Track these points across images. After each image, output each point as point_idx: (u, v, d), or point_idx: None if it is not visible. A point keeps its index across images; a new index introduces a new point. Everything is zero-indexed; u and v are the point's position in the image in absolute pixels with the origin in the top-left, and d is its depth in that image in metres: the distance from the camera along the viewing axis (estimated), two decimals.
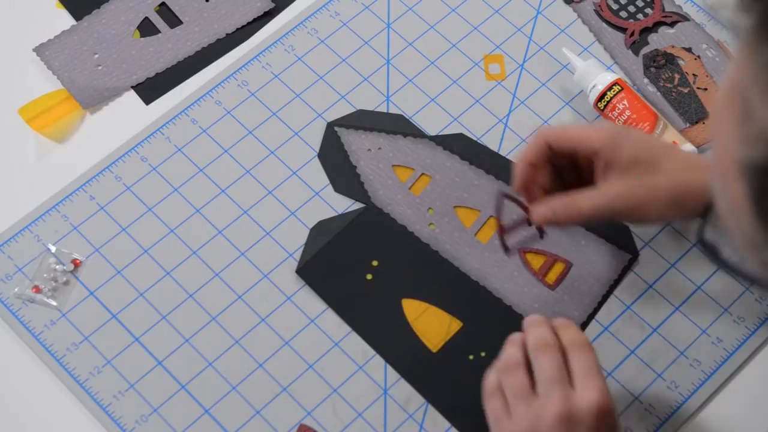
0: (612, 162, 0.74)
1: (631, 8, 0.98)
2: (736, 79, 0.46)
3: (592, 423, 0.68)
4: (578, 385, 0.69)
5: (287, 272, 0.86)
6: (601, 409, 0.68)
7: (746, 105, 0.44)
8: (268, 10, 0.98)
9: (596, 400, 0.68)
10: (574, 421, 0.68)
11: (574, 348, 0.71)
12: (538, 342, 0.71)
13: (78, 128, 0.93)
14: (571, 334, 0.72)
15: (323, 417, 0.81)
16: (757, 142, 0.44)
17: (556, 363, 0.70)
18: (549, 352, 0.70)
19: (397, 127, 0.92)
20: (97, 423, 0.81)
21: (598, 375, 0.70)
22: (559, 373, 0.69)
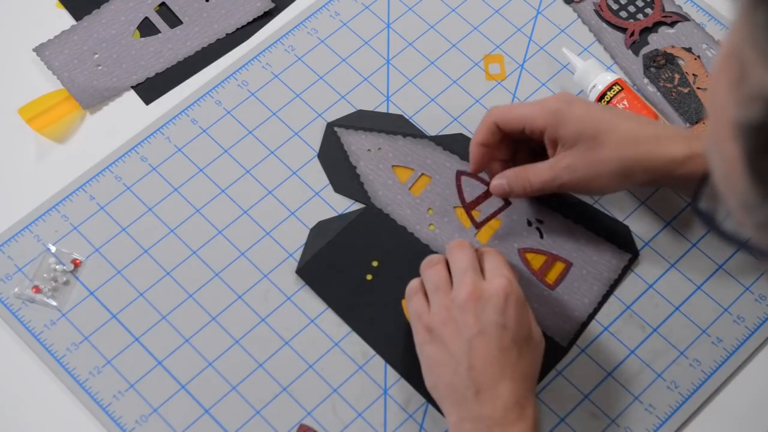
0: (557, 138, 0.79)
1: (631, 8, 0.98)
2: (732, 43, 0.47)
3: (500, 302, 0.74)
4: (488, 277, 0.76)
5: (287, 272, 0.86)
6: (508, 291, 0.74)
7: (742, 67, 0.46)
8: (268, 10, 0.98)
9: (503, 284, 0.74)
10: (482, 300, 0.74)
11: (487, 255, 0.78)
12: (455, 242, 0.79)
13: (78, 128, 0.93)
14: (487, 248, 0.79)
15: (323, 417, 0.81)
16: (752, 102, 0.45)
17: (469, 255, 0.77)
18: (464, 248, 0.78)
19: (397, 128, 0.92)
20: (97, 423, 0.81)
21: (507, 270, 0.76)
22: (471, 263, 0.76)
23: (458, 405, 0.73)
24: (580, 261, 0.87)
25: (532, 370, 0.75)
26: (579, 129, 0.78)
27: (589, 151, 0.78)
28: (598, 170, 0.79)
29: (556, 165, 0.80)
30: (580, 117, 0.78)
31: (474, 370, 0.73)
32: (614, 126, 0.78)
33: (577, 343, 0.84)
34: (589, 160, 0.78)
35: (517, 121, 0.81)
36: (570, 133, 0.78)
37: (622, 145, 0.77)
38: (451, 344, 0.74)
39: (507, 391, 0.72)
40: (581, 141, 0.78)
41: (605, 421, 0.82)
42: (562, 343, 0.84)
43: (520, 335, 0.74)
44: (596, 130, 0.77)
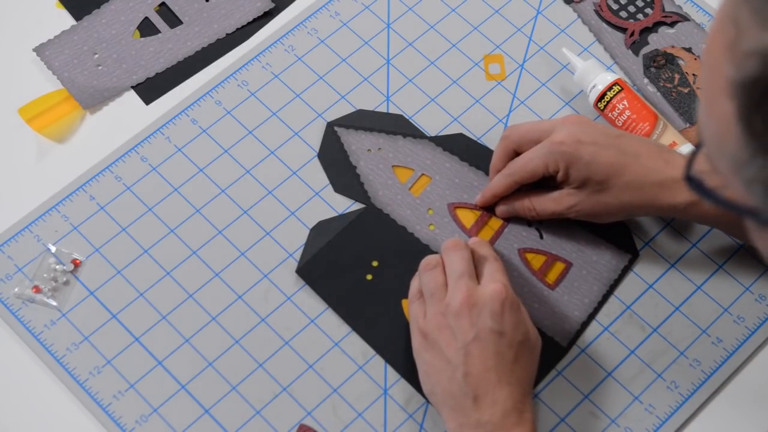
0: (567, 179, 0.81)
1: (631, 8, 0.98)
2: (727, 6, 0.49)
3: (495, 308, 0.74)
4: (483, 282, 0.77)
5: (287, 272, 0.86)
6: (504, 296, 0.75)
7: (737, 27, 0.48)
8: (268, 10, 0.98)
9: (499, 289, 0.75)
10: (478, 306, 0.75)
11: (483, 259, 0.79)
12: (450, 242, 0.80)
13: (78, 128, 0.93)
14: (484, 251, 0.80)
15: (323, 417, 0.81)
16: (747, 59, 0.47)
17: (465, 259, 0.78)
18: (459, 250, 0.79)
19: (397, 127, 0.92)
20: (97, 423, 0.81)
21: (502, 275, 0.77)
22: (466, 267, 0.77)
23: (457, 411, 0.74)
24: (580, 261, 0.87)
25: (528, 373, 0.76)
26: (587, 174, 0.80)
27: (595, 194, 0.81)
28: (601, 211, 0.82)
29: (562, 202, 0.83)
30: (588, 162, 0.80)
31: (471, 377, 0.73)
32: (620, 172, 0.80)
33: (577, 343, 0.84)
34: (594, 202, 0.81)
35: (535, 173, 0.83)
36: (579, 177, 0.80)
37: (626, 192, 0.80)
38: (447, 350, 0.75)
39: (505, 396, 0.73)
40: (588, 185, 0.81)
41: (605, 421, 0.82)
42: (562, 343, 0.84)
43: (515, 340, 0.75)
44: (604, 176, 0.80)
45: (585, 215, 0.83)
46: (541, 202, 0.84)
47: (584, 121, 0.82)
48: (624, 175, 0.80)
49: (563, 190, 0.83)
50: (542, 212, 0.84)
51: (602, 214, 0.83)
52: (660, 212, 0.83)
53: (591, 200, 0.81)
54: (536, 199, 0.84)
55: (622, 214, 0.83)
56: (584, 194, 0.81)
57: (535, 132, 0.83)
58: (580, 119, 0.82)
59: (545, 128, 0.82)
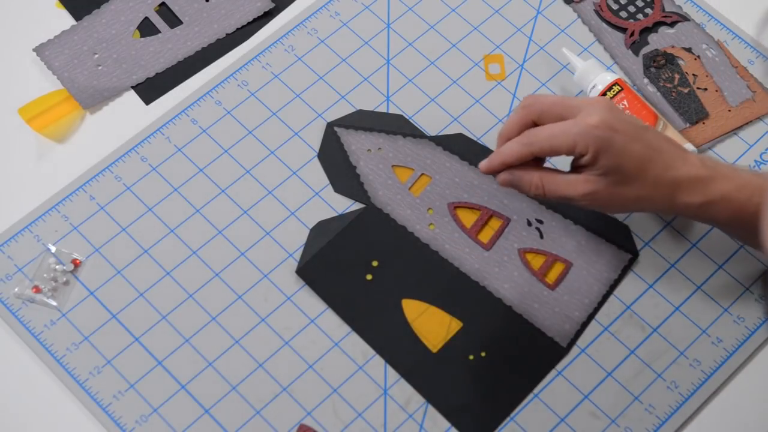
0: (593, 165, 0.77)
1: (631, 8, 0.98)
2: None
3: None
4: None
5: (287, 272, 0.86)
6: None
7: None
8: (268, 10, 0.98)
9: None
10: None
11: None
12: None
13: (78, 128, 0.93)
14: None
15: (323, 417, 0.81)
16: None
17: None
18: None
19: (397, 127, 0.92)
20: (97, 423, 0.81)
21: None
22: None
23: None
24: (580, 261, 0.87)
25: None
26: (616, 164, 0.76)
27: (616, 185, 0.77)
28: (615, 203, 0.78)
29: (578, 187, 0.78)
30: (620, 152, 0.76)
31: None
32: (646, 167, 0.77)
33: (577, 343, 0.84)
34: (612, 192, 0.77)
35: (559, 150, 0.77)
36: (607, 165, 0.76)
37: (646, 187, 0.77)
38: None
39: None
40: (613, 174, 0.77)
41: (605, 421, 0.82)
42: (562, 343, 0.84)
43: None
44: (631, 168, 0.77)
45: (597, 205, 0.79)
46: (552, 182, 0.78)
47: (613, 106, 0.78)
48: (648, 170, 0.77)
49: (581, 175, 0.78)
50: (550, 193, 0.78)
51: (615, 207, 0.80)
52: (673, 210, 0.80)
53: (609, 190, 0.77)
54: (548, 177, 0.78)
55: (634, 208, 0.81)
56: (605, 183, 0.77)
57: (560, 107, 0.78)
58: (609, 103, 0.78)
59: (572, 105, 0.78)
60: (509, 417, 0.81)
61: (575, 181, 0.78)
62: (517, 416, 0.82)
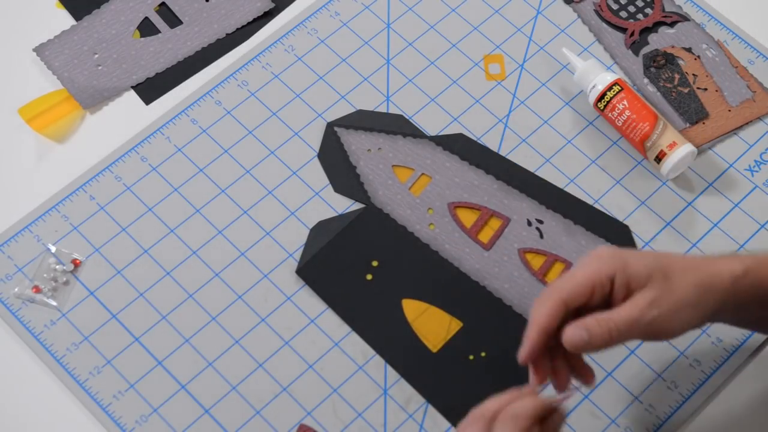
0: (630, 281, 0.72)
1: (631, 8, 0.98)
2: None
3: None
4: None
5: (287, 272, 0.86)
6: None
7: None
8: (268, 10, 0.98)
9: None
10: None
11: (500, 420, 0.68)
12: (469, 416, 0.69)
13: (78, 128, 0.93)
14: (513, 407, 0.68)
15: (323, 417, 0.81)
16: None
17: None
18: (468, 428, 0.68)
19: (397, 127, 0.92)
20: (97, 423, 0.81)
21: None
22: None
23: None
24: None
25: None
26: (647, 264, 0.71)
27: (665, 283, 0.71)
28: (676, 301, 0.71)
29: (639, 303, 0.71)
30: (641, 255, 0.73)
31: None
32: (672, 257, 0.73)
33: None
34: (668, 291, 0.71)
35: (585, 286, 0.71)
36: (641, 269, 0.71)
37: (689, 271, 0.72)
38: None
39: None
40: (654, 276, 0.71)
41: (605, 421, 0.82)
42: None
43: None
44: (661, 263, 0.72)
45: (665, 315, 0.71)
46: (617, 312, 0.70)
47: None
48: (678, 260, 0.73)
49: (634, 298, 0.71)
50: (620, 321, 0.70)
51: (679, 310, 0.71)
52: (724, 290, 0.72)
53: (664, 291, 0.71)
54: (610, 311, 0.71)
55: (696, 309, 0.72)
56: (655, 288, 0.71)
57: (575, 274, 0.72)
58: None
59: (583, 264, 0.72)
60: None
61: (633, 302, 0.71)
62: None
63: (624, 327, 0.70)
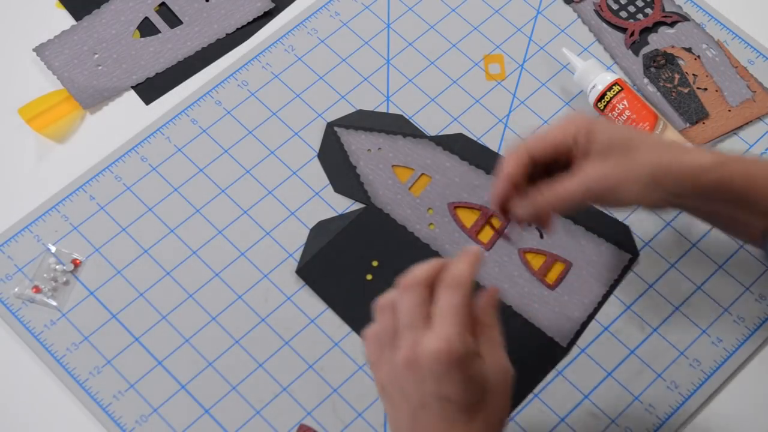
0: (588, 150, 0.74)
1: (631, 8, 0.98)
2: None
3: (438, 369, 0.64)
4: (429, 333, 0.65)
5: (287, 272, 0.86)
6: (446, 357, 0.63)
7: None
8: (268, 10, 0.98)
9: (436, 347, 0.64)
10: (420, 367, 0.65)
11: (442, 287, 0.67)
12: (405, 280, 0.68)
13: (78, 128, 0.93)
14: (451, 272, 0.68)
15: (323, 417, 0.81)
16: None
17: (412, 304, 0.67)
18: (408, 293, 0.67)
19: (397, 127, 0.92)
20: (97, 423, 0.81)
21: (451, 318, 0.65)
22: (411, 316, 0.66)
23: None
24: (580, 261, 0.87)
25: (490, 425, 0.67)
26: (611, 138, 0.73)
27: (622, 158, 0.73)
28: (629, 177, 0.73)
29: (588, 175, 0.73)
30: (611, 128, 0.74)
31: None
32: (644, 136, 0.74)
33: (577, 343, 0.84)
34: (621, 167, 0.73)
35: (551, 144, 0.74)
36: (603, 142, 0.73)
37: (653, 152, 0.73)
38: (398, 409, 0.67)
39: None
40: (614, 150, 0.73)
41: (605, 421, 0.82)
42: (562, 343, 0.84)
43: (468, 401, 0.65)
44: (628, 139, 0.73)
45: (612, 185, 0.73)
46: (563, 183, 0.74)
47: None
48: (649, 138, 0.74)
49: (587, 164, 0.73)
50: (565, 193, 0.74)
51: (630, 181, 0.73)
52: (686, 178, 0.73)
53: (619, 165, 0.72)
54: (555, 182, 0.74)
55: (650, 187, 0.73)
56: (610, 162, 0.73)
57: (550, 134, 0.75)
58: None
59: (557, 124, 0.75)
60: (509, 417, 0.81)
61: (582, 173, 0.73)
62: (517, 416, 0.82)
63: (568, 197, 0.73)
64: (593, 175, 0.73)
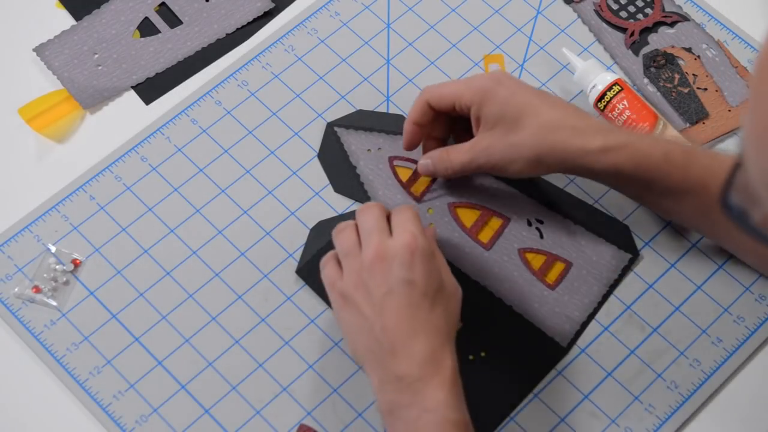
0: (480, 118, 0.79)
1: (631, 8, 0.98)
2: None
3: (405, 258, 0.73)
4: (394, 234, 0.76)
5: (287, 272, 0.86)
6: (413, 246, 0.74)
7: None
8: (268, 10, 0.98)
9: (407, 239, 0.74)
10: (388, 258, 0.74)
11: (396, 212, 0.78)
12: (363, 205, 0.79)
13: (78, 128, 0.93)
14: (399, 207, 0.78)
15: (323, 417, 0.81)
16: None
17: (375, 216, 0.76)
18: (370, 209, 0.77)
19: (397, 127, 0.92)
20: (97, 423, 0.81)
21: (412, 222, 0.76)
22: (376, 223, 0.76)
23: (378, 367, 0.74)
24: (580, 261, 0.87)
25: (446, 321, 0.75)
26: (501, 111, 0.78)
27: (507, 135, 0.79)
28: (512, 154, 0.79)
29: (475, 146, 0.81)
30: (504, 99, 0.78)
31: (387, 330, 0.73)
32: (535, 112, 0.78)
33: (577, 343, 0.84)
34: (506, 144, 0.79)
35: (447, 98, 0.81)
36: (492, 114, 0.79)
37: (538, 133, 0.78)
38: (364, 307, 0.74)
39: (421, 347, 0.72)
40: (501, 123, 0.79)
41: (605, 421, 0.82)
42: (562, 343, 0.84)
43: (430, 288, 0.74)
44: (518, 114, 0.78)
45: (497, 161, 0.80)
46: (456, 151, 0.82)
47: (507, 73, 0.81)
48: (538, 115, 0.78)
49: (476, 136, 0.81)
50: (456, 161, 0.82)
51: (514, 159, 0.79)
52: (570, 160, 0.79)
53: (503, 142, 0.79)
54: (452, 148, 0.83)
55: (533, 164, 0.79)
56: (496, 135, 0.79)
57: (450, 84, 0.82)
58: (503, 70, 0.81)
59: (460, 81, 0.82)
60: (509, 417, 0.81)
61: (473, 143, 0.81)
62: (517, 416, 0.82)
63: (458, 166, 0.82)
64: (478, 147, 0.80)
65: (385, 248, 0.74)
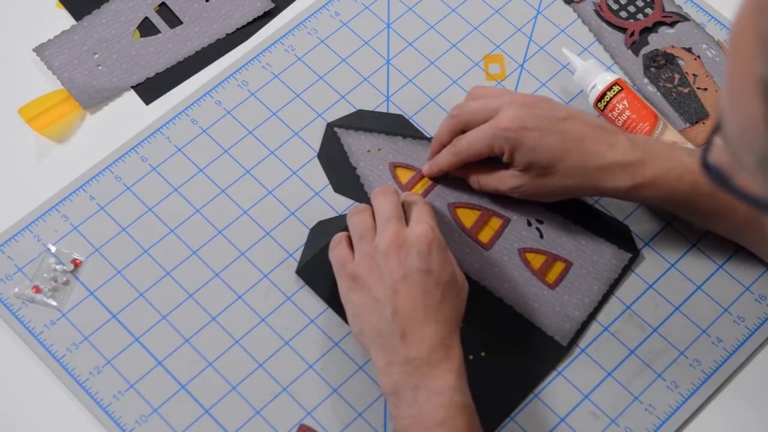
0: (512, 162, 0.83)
1: (631, 8, 0.98)
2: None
3: (423, 247, 0.76)
4: (411, 224, 0.78)
5: (287, 272, 0.86)
6: (431, 237, 0.76)
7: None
8: (268, 10, 0.98)
9: (425, 230, 0.77)
10: (405, 246, 0.76)
11: (412, 203, 0.80)
12: (379, 188, 0.82)
13: (78, 128, 0.93)
14: (413, 197, 0.82)
15: (323, 417, 0.81)
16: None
17: (393, 202, 0.79)
18: (387, 195, 0.80)
19: (397, 128, 0.92)
20: (97, 423, 0.81)
21: (430, 217, 0.79)
22: (395, 210, 0.79)
23: (385, 349, 0.75)
24: (580, 261, 0.87)
25: (455, 312, 0.77)
26: (531, 158, 0.81)
27: (538, 178, 0.82)
28: (545, 193, 0.84)
29: (506, 182, 0.84)
30: (533, 147, 0.81)
31: (399, 314, 0.74)
32: (564, 157, 0.81)
33: (577, 343, 0.84)
34: (538, 185, 0.83)
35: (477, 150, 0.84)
36: (523, 161, 0.81)
37: (569, 177, 0.81)
38: (375, 290, 0.76)
39: (432, 333, 0.74)
40: (533, 169, 0.82)
41: (605, 421, 0.82)
42: (562, 342, 0.84)
43: (442, 279, 0.76)
44: (547, 161, 0.81)
45: (529, 196, 0.85)
46: (486, 179, 0.86)
47: (530, 102, 0.82)
48: (567, 160, 0.81)
49: (508, 171, 0.84)
50: (485, 188, 0.86)
51: (546, 195, 0.84)
52: (603, 194, 0.84)
53: (534, 183, 0.83)
54: (483, 175, 0.86)
55: (566, 196, 0.85)
56: (528, 177, 0.83)
57: (483, 113, 0.83)
58: (525, 100, 0.82)
59: (492, 108, 0.83)
60: (509, 417, 0.81)
61: (504, 177, 0.85)
62: (517, 416, 0.82)
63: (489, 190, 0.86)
64: (513, 184, 0.84)
65: (403, 236, 0.76)
